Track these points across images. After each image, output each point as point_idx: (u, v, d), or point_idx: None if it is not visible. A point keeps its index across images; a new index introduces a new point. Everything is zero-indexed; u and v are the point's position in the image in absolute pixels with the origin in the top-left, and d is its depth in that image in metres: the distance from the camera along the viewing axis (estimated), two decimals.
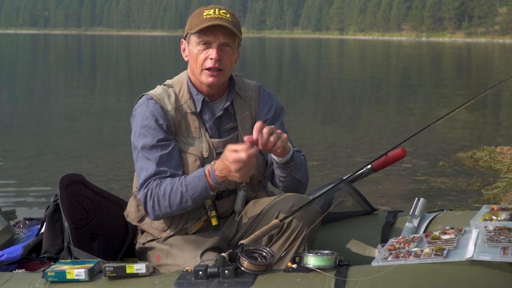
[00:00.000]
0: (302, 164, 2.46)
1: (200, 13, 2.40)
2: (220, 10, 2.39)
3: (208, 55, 2.37)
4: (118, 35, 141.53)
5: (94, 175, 6.21)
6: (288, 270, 2.00)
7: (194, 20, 2.40)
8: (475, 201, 5.34)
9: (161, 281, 2.05)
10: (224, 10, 2.40)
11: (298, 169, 2.42)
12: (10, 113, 12.41)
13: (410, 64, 33.20)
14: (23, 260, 2.60)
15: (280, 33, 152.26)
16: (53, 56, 40.69)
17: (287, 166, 2.38)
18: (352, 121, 11.57)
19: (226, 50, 2.38)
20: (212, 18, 2.35)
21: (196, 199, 2.30)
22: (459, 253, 1.98)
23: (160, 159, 2.34)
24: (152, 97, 2.43)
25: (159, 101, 2.41)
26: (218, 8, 2.39)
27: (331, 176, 6.11)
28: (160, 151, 2.35)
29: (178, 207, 2.32)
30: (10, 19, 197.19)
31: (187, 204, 2.30)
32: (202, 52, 2.37)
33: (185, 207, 2.32)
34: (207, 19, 2.35)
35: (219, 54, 2.36)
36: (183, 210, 2.34)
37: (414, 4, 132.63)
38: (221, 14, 2.37)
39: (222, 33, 2.35)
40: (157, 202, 2.32)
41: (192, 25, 2.39)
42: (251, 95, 2.54)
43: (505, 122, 11.60)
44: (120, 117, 11.11)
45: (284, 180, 2.45)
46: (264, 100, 2.55)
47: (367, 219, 2.82)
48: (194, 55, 2.39)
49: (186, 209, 2.34)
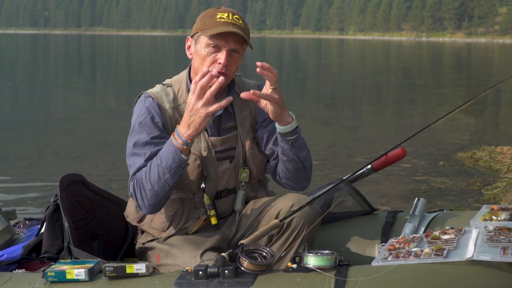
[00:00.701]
0: (306, 145, 2.44)
1: (214, 14, 2.37)
2: (233, 15, 2.37)
3: (217, 59, 2.35)
4: (118, 35, 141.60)
5: (94, 175, 6.21)
6: (288, 270, 2.00)
7: (206, 21, 2.37)
8: (475, 201, 5.34)
9: (161, 281, 2.05)
10: (237, 16, 2.38)
11: (301, 148, 2.40)
12: (10, 113, 12.41)
13: (410, 64, 33.21)
14: (23, 260, 2.60)
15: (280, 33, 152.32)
16: (53, 56, 40.69)
17: (291, 139, 2.35)
18: (352, 121, 11.57)
19: (234, 56, 2.38)
20: (225, 23, 2.33)
21: (171, 169, 2.24)
22: (459, 253, 1.98)
23: (150, 155, 2.33)
24: (150, 95, 2.43)
25: (156, 99, 2.41)
26: (231, 13, 2.37)
27: (331, 176, 6.10)
28: (152, 147, 2.34)
29: (159, 185, 2.27)
30: (10, 19, 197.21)
31: (165, 177, 2.25)
32: (210, 54, 2.36)
33: (166, 182, 2.26)
34: (221, 23, 2.33)
35: (228, 60, 2.36)
36: (166, 188, 2.28)
37: (414, 4, 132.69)
38: (234, 20, 2.35)
39: (233, 39, 2.34)
40: (143, 188, 2.30)
41: (205, 25, 2.36)
42: None
43: (505, 122, 11.60)
44: (120, 117, 11.10)
45: (287, 160, 2.41)
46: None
47: (367, 219, 2.82)
48: (201, 56, 2.38)
49: (168, 186, 2.28)
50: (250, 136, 2.51)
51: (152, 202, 2.32)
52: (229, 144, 2.47)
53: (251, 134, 2.51)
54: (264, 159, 2.52)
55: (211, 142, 2.43)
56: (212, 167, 2.44)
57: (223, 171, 2.46)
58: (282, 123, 2.33)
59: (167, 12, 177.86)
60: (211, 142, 2.43)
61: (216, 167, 2.44)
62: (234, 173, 2.48)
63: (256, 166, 2.49)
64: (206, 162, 2.42)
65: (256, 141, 2.51)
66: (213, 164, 2.44)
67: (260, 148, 2.51)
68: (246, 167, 2.48)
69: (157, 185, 2.27)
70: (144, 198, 2.31)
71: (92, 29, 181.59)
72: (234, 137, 2.49)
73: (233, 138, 2.48)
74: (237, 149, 2.48)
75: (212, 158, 2.43)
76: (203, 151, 2.42)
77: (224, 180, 2.47)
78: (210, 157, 2.42)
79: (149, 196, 2.30)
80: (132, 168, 2.36)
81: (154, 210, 2.38)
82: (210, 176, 2.44)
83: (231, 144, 2.47)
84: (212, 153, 2.43)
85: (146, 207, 2.34)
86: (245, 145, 2.48)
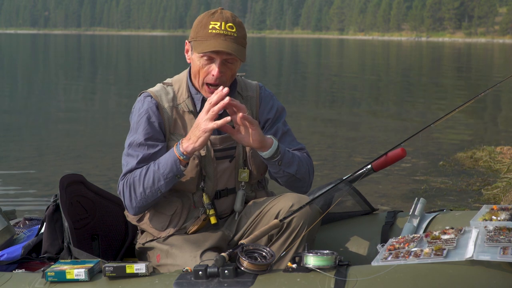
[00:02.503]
0: (295, 159, 2.43)
1: (206, 24, 2.35)
2: (226, 24, 2.33)
3: (210, 70, 2.36)
4: (118, 35, 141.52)
5: (94, 175, 6.21)
6: (288, 270, 2.00)
7: (199, 31, 2.36)
8: (475, 201, 5.34)
9: (161, 281, 2.05)
10: (230, 23, 2.35)
11: (289, 164, 2.41)
12: (10, 113, 12.41)
13: (410, 64, 33.20)
14: (23, 260, 2.60)
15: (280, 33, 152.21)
16: (53, 56, 40.69)
17: (274, 161, 2.37)
18: (352, 121, 11.57)
19: (229, 65, 2.38)
20: (217, 35, 2.32)
21: (167, 177, 2.29)
22: (459, 253, 1.98)
23: (143, 158, 2.36)
24: (150, 94, 2.44)
25: (156, 98, 2.42)
26: (224, 21, 2.34)
27: (331, 176, 6.11)
28: (146, 150, 2.37)
29: (152, 191, 2.31)
30: (10, 19, 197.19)
31: (160, 184, 2.29)
32: (204, 66, 2.37)
33: (158, 188, 2.30)
34: (212, 36, 2.32)
35: (221, 70, 2.36)
36: (157, 194, 2.32)
37: (414, 4, 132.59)
38: (227, 30, 2.33)
39: (224, 52, 2.34)
40: (133, 189, 2.33)
41: (197, 36, 2.36)
42: (252, 95, 2.54)
43: (505, 122, 11.59)
44: (120, 117, 11.11)
45: (278, 176, 2.46)
46: (265, 100, 2.55)
47: (367, 219, 2.82)
48: (196, 66, 2.39)
49: (160, 192, 2.31)
50: None
51: (140, 204, 2.36)
52: (228, 143, 2.46)
53: None
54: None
55: (210, 141, 2.44)
56: (211, 167, 2.44)
57: (222, 170, 2.46)
58: (265, 149, 2.34)
59: (167, 12, 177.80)
60: (210, 141, 2.43)
61: (215, 166, 2.44)
62: (234, 172, 2.48)
63: (256, 167, 2.49)
64: (204, 162, 2.42)
65: None
66: (212, 163, 2.44)
67: None
68: (246, 167, 2.48)
69: (150, 190, 2.32)
70: (133, 200, 2.35)
71: (92, 29, 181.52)
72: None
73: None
74: (238, 148, 2.48)
75: (210, 157, 2.43)
76: (201, 150, 2.42)
77: (224, 180, 2.47)
78: (209, 156, 2.42)
79: (139, 199, 2.34)
80: (124, 168, 2.40)
81: (140, 212, 2.43)
82: (209, 175, 2.44)
83: (230, 143, 2.47)
84: (211, 152, 2.43)
85: (132, 208, 2.38)
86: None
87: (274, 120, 2.53)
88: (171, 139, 2.43)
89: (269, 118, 2.53)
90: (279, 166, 2.39)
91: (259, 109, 2.54)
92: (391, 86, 19.70)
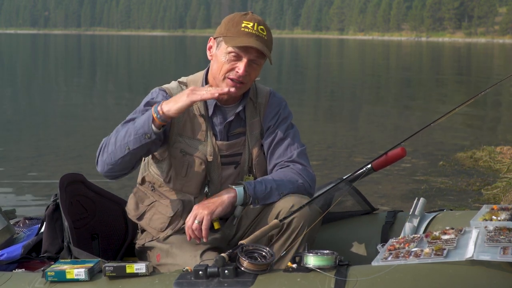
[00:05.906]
0: (272, 189, 2.35)
1: (239, 22, 2.35)
2: (258, 26, 2.34)
3: (235, 67, 2.34)
4: (118, 35, 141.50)
5: (94, 175, 6.16)
6: (288, 270, 2.00)
7: (230, 28, 2.35)
8: (475, 201, 5.34)
9: (161, 280, 2.05)
10: (262, 26, 2.35)
11: (266, 197, 2.35)
12: (10, 113, 12.41)
13: (410, 64, 33.20)
14: (23, 260, 2.59)
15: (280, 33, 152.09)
16: (53, 56, 40.68)
17: (249, 205, 2.35)
18: (352, 120, 11.57)
19: (254, 67, 2.37)
20: (249, 33, 2.32)
21: (137, 132, 2.23)
22: (459, 253, 1.98)
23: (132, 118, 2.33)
24: (165, 89, 2.43)
25: (170, 95, 2.40)
26: (257, 23, 2.34)
27: (331, 176, 6.10)
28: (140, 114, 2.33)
29: (121, 144, 2.25)
30: (10, 19, 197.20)
31: (129, 138, 2.24)
32: (229, 62, 2.35)
33: (127, 144, 2.25)
34: (244, 34, 2.32)
35: (247, 70, 2.35)
36: (124, 151, 2.26)
37: (414, 4, 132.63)
38: (259, 31, 2.33)
39: (254, 51, 2.33)
40: (108, 142, 2.31)
41: (228, 32, 2.35)
42: (261, 101, 2.52)
43: (505, 122, 11.59)
44: (120, 116, 11.09)
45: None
46: (271, 107, 2.53)
47: (367, 219, 2.82)
48: (220, 62, 2.36)
49: (128, 149, 2.25)
50: (258, 143, 2.49)
51: (108, 160, 2.31)
52: (235, 150, 2.45)
53: (259, 141, 2.50)
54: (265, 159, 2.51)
55: (217, 147, 2.43)
56: (216, 172, 2.43)
57: (227, 176, 2.46)
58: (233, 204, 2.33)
59: (167, 12, 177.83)
60: (217, 147, 2.43)
61: (220, 172, 2.44)
62: (238, 179, 2.47)
63: (261, 174, 2.47)
64: (210, 167, 2.41)
65: (263, 149, 2.51)
66: (218, 169, 2.43)
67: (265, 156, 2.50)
68: (251, 174, 2.47)
69: (120, 143, 2.27)
70: (104, 153, 2.32)
71: (92, 29, 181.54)
72: (241, 143, 2.47)
73: (240, 143, 2.47)
74: (244, 155, 2.47)
75: (217, 163, 2.42)
76: (209, 156, 2.40)
77: (227, 185, 2.44)
78: (215, 163, 2.41)
79: (109, 152, 2.30)
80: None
81: (105, 171, 2.35)
82: (213, 180, 2.43)
83: (237, 150, 2.46)
84: (218, 158, 2.42)
85: (100, 162, 2.33)
86: (252, 152, 2.47)
87: (274, 128, 2.51)
88: (178, 141, 2.40)
89: (270, 125, 2.51)
90: (258, 203, 2.35)
91: (264, 116, 2.53)
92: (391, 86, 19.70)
